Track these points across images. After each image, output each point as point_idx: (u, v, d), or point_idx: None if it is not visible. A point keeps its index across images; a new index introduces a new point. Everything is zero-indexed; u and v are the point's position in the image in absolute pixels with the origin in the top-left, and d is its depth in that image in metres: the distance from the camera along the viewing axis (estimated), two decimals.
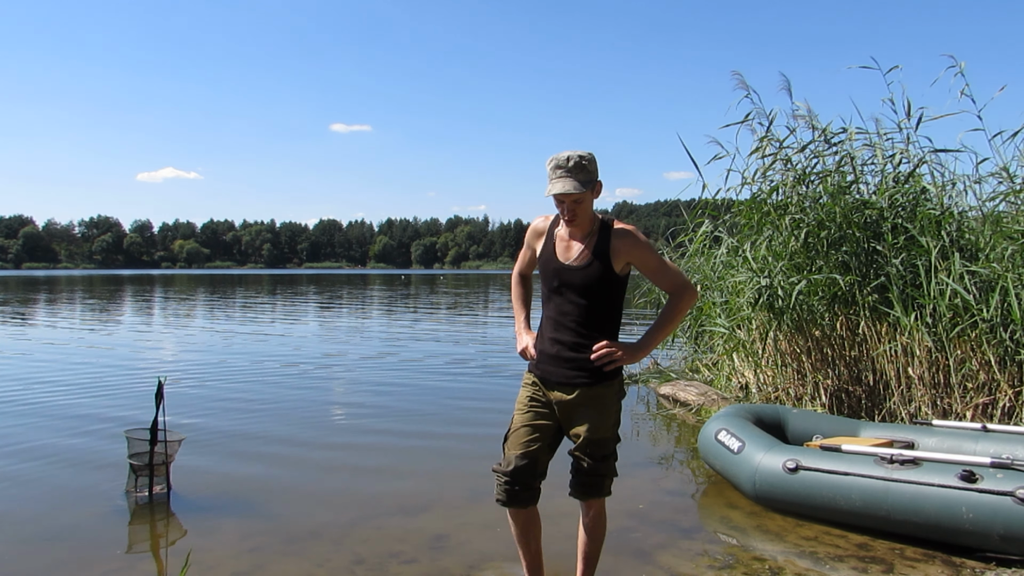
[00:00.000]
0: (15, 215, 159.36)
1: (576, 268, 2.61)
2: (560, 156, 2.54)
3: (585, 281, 2.60)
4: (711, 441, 4.43)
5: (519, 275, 2.99)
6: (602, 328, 2.62)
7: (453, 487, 4.54)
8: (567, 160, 2.52)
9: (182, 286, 45.11)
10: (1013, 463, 3.38)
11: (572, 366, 2.61)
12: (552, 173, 2.55)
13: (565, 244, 2.67)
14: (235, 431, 6.02)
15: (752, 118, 6.80)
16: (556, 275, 2.64)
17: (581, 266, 2.61)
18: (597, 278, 2.59)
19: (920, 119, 6.12)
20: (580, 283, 2.60)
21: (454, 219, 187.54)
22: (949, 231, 5.48)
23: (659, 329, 2.68)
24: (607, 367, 2.60)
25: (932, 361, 5.24)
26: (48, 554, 3.50)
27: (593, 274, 2.59)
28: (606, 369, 2.60)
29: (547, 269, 2.69)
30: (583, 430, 2.61)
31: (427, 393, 7.88)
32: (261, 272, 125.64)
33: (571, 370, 2.61)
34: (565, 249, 2.66)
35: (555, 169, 2.54)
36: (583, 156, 2.54)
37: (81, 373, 8.99)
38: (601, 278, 2.60)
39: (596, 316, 2.62)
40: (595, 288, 2.60)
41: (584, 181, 2.52)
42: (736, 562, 3.37)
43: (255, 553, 3.49)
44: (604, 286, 2.61)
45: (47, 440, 5.67)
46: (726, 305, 6.79)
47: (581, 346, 2.60)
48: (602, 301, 2.62)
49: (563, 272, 2.63)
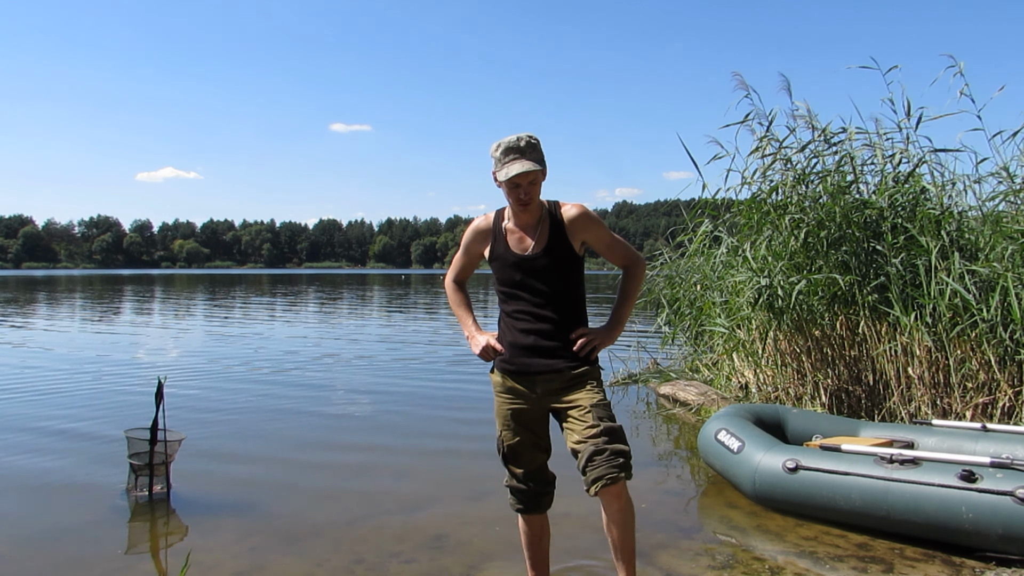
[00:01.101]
0: (15, 215, 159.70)
1: (537, 256, 2.57)
2: (508, 139, 2.50)
3: (548, 267, 2.56)
4: (711, 441, 4.43)
5: (455, 282, 2.87)
6: (574, 310, 2.62)
7: (453, 487, 4.54)
8: (518, 141, 2.49)
9: (182, 286, 45.09)
10: (1013, 463, 3.38)
11: (552, 353, 2.57)
12: (503, 157, 2.48)
13: (518, 236, 2.61)
14: (235, 431, 6.02)
15: (752, 118, 6.80)
16: (517, 268, 2.59)
17: (541, 253, 2.57)
18: (560, 262, 2.57)
19: (920, 119, 6.12)
20: (544, 270, 2.56)
21: (454, 219, 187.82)
22: (949, 231, 5.47)
23: (624, 305, 2.69)
24: (591, 355, 2.60)
25: (932, 361, 5.24)
26: (48, 554, 3.50)
27: (555, 259, 2.56)
28: (588, 356, 2.59)
29: (505, 265, 2.61)
30: (583, 398, 2.53)
31: (427, 392, 7.87)
32: (261, 272, 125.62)
33: (552, 358, 2.57)
34: (519, 241, 2.61)
35: (507, 152, 2.48)
36: (531, 137, 2.52)
37: (81, 373, 8.99)
38: (564, 261, 2.57)
39: (565, 300, 2.60)
40: (560, 272, 2.57)
41: (538, 160, 2.50)
42: (736, 562, 3.37)
43: (255, 553, 3.49)
44: (568, 268, 2.59)
45: (47, 440, 5.67)
46: (726, 305, 6.79)
47: (558, 332, 2.57)
48: (569, 284, 2.60)
49: (524, 263, 2.58)
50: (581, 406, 2.52)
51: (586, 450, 2.44)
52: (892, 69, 6.23)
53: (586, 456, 2.43)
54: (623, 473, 2.42)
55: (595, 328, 2.66)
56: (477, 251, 2.74)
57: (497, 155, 2.51)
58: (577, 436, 2.49)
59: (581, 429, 2.48)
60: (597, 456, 2.42)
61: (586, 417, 2.49)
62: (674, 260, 8.63)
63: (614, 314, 2.70)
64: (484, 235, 2.70)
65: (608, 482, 2.40)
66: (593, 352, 2.60)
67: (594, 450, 2.42)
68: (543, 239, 2.57)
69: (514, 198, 2.54)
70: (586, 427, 2.47)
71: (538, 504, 2.73)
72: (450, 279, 2.88)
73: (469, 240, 2.75)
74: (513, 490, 2.74)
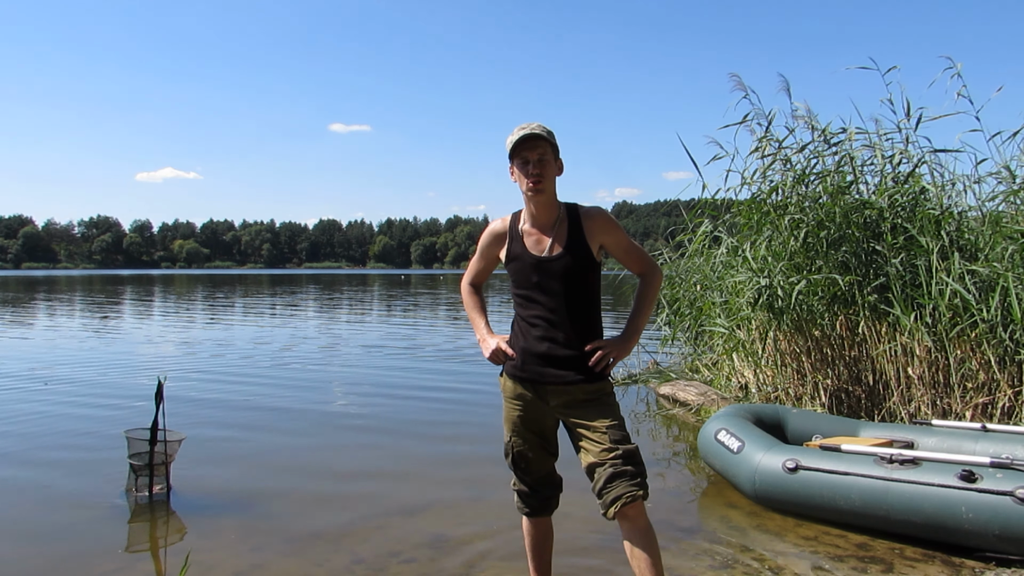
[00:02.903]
0: (15, 215, 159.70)
1: (555, 259, 2.51)
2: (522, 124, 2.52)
3: (566, 270, 2.50)
4: (711, 441, 4.43)
5: (471, 285, 2.81)
6: (589, 319, 2.55)
7: (453, 487, 4.54)
8: (529, 124, 2.50)
9: (182, 286, 45.09)
10: (1012, 463, 3.38)
11: (566, 364, 2.51)
12: (514, 137, 2.49)
13: (535, 237, 2.55)
14: (235, 431, 6.03)
15: (751, 119, 6.80)
16: (535, 270, 2.52)
17: (559, 255, 2.50)
18: (578, 265, 2.50)
19: (920, 119, 6.13)
20: (561, 273, 2.50)
21: (454, 219, 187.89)
22: (949, 231, 5.48)
23: (641, 314, 2.62)
24: (605, 369, 2.54)
25: (932, 361, 5.24)
26: (48, 554, 3.50)
27: (573, 262, 2.50)
28: (603, 371, 2.53)
29: (522, 266, 2.56)
30: (599, 417, 2.48)
31: (428, 392, 7.87)
32: (261, 272, 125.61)
33: (565, 369, 2.51)
34: (536, 243, 2.55)
35: (519, 131, 2.49)
36: (544, 127, 2.52)
37: (81, 373, 8.99)
38: (582, 265, 2.51)
39: (581, 306, 2.53)
40: (577, 276, 2.51)
41: (549, 133, 2.49)
42: (736, 562, 3.37)
43: (255, 553, 3.49)
44: (585, 273, 2.52)
45: (47, 440, 5.67)
46: (726, 305, 6.79)
47: (573, 342, 2.50)
48: (585, 289, 2.53)
49: (541, 265, 2.52)
50: (596, 427, 2.47)
51: (603, 474, 2.42)
52: (891, 70, 6.24)
53: (604, 479, 2.42)
54: (641, 491, 2.40)
55: (610, 339, 2.57)
56: (493, 254, 2.69)
57: (511, 142, 2.51)
58: (593, 458, 2.45)
59: (598, 451, 2.44)
60: (616, 479, 2.40)
61: (603, 439, 2.44)
62: (674, 260, 8.63)
63: (630, 323, 2.63)
64: (500, 237, 2.65)
65: (628, 500, 2.38)
66: (609, 368, 2.54)
67: (613, 472, 2.40)
68: (561, 240, 2.52)
69: (525, 177, 2.49)
70: (602, 449, 2.43)
71: (545, 507, 2.72)
72: (466, 282, 2.84)
73: (485, 243, 2.71)
74: (520, 493, 2.72)
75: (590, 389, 2.52)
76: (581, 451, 2.53)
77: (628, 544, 2.42)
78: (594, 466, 2.44)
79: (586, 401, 2.51)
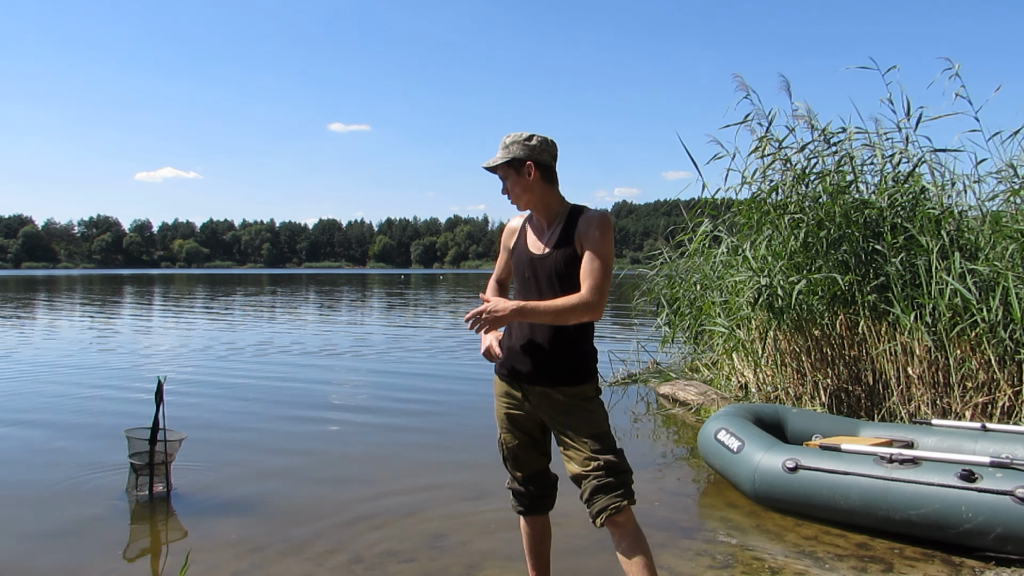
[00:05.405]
0: (15, 215, 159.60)
1: (545, 256, 2.53)
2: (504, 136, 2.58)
3: (550, 269, 2.50)
4: (711, 440, 4.43)
5: (496, 281, 2.86)
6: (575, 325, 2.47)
7: (453, 487, 4.54)
8: (506, 137, 2.55)
9: (181, 286, 45.10)
10: (1012, 462, 3.38)
11: (544, 365, 2.50)
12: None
13: (536, 236, 2.61)
14: (236, 431, 6.03)
15: (752, 118, 6.81)
16: (527, 267, 2.57)
17: (548, 253, 2.53)
18: (561, 265, 2.49)
19: (919, 119, 6.13)
20: (546, 271, 2.51)
21: (453, 219, 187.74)
22: (949, 230, 5.48)
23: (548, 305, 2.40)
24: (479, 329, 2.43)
25: (932, 360, 5.24)
26: (48, 553, 3.51)
27: (557, 261, 2.49)
28: (475, 329, 2.44)
29: (518, 262, 2.62)
30: (580, 425, 2.47)
31: (428, 392, 7.87)
32: (261, 272, 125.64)
33: (543, 369, 2.50)
34: (535, 240, 2.60)
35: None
36: (518, 135, 2.53)
37: (81, 372, 9.00)
38: (565, 265, 2.49)
39: None
40: (563, 275, 2.49)
41: (507, 148, 2.52)
42: (736, 562, 3.37)
43: (255, 553, 3.49)
44: (572, 272, 2.48)
45: (47, 439, 5.67)
46: (726, 305, 6.79)
47: (554, 342, 2.48)
48: (572, 289, 2.47)
49: (533, 262, 2.56)
50: (577, 435, 2.47)
51: (587, 486, 2.46)
52: (891, 69, 6.24)
53: (588, 491, 2.46)
54: (625, 501, 2.44)
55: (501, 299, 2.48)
56: (508, 247, 2.75)
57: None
58: (577, 467, 2.48)
59: (581, 460, 2.46)
60: (598, 492, 2.44)
61: (584, 448, 2.45)
62: (674, 260, 8.63)
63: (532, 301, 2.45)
64: (512, 233, 2.73)
65: (613, 511, 2.42)
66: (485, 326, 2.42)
67: (596, 485, 2.44)
68: (554, 239, 2.54)
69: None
70: (585, 458, 2.45)
71: (539, 507, 2.73)
72: (492, 278, 2.90)
73: (503, 238, 2.79)
74: (515, 492, 2.73)
75: (570, 392, 2.50)
76: (564, 458, 2.54)
77: (619, 549, 2.48)
78: (578, 477, 2.48)
79: (568, 406, 2.50)
